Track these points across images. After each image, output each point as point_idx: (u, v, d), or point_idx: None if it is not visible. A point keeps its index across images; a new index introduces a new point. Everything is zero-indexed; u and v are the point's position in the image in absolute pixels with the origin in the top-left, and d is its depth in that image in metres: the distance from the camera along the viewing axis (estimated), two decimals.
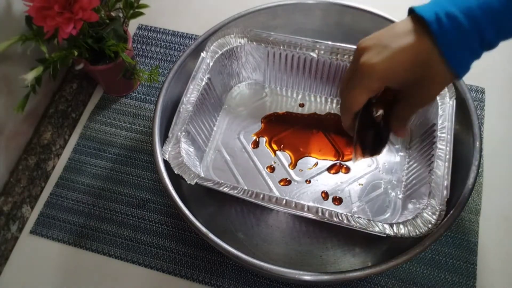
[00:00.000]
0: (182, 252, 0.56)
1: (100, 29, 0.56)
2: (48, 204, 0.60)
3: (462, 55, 0.36)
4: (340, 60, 0.57)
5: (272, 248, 0.55)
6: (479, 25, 0.35)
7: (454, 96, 0.53)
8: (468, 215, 0.57)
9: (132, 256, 0.56)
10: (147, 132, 0.65)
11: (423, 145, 0.55)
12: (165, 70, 0.70)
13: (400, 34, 0.37)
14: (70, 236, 0.58)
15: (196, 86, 0.55)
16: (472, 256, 0.55)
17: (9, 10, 0.52)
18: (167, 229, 0.58)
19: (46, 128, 0.61)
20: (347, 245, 0.54)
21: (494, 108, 0.65)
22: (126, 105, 0.68)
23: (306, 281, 0.45)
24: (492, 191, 0.59)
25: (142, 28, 0.74)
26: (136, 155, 0.63)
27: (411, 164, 0.57)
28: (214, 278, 0.54)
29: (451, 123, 0.51)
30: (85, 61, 0.59)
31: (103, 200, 0.60)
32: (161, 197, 0.60)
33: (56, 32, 0.49)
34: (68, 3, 0.49)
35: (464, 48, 0.36)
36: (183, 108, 0.54)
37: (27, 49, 0.52)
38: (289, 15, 0.63)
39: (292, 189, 0.57)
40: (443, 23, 0.35)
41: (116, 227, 0.58)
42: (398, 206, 0.55)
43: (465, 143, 0.52)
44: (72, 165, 0.63)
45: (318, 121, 0.62)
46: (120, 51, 0.57)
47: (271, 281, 0.54)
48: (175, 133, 0.52)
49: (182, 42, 0.73)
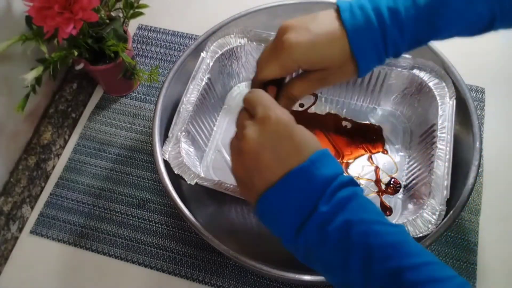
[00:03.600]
0: (182, 252, 0.56)
1: (100, 29, 0.56)
2: (48, 204, 0.60)
3: (366, 46, 0.39)
4: None
5: (272, 248, 0.55)
6: (384, 21, 0.38)
7: (454, 96, 0.52)
8: (468, 215, 0.57)
9: (132, 256, 0.56)
10: (147, 132, 0.65)
11: (423, 145, 0.55)
12: (165, 70, 0.70)
13: (321, 20, 0.40)
14: (70, 236, 0.58)
15: (196, 86, 0.55)
16: (472, 256, 0.55)
17: (9, 10, 0.52)
18: (167, 229, 0.58)
19: (46, 128, 0.61)
20: None
21: (494, 108, 0.65)
22: (126, 105, 0.68)
23: (306, 281, 0.45)
24: (492, 191, 0.59)
25: (142, 28, 0.74)
26: (136, 155, 0.63)
27: (411, 164, 0.57)
28: (214, 278, 0.54)
29: (451, 123, 0.51)
30: (85, 61, 0.59)
31: (103, 200, 0.60)
32: (161, 197, 0.60)
33: (56, 32, 0.49)
34: (68, 3, 0.49)
35: (368, 39, 0.39)
36: (183, 108, 0.53)
37: (27, 49, 0.52)
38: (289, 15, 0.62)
39: None
40: (354, 13, 0.39)
41: (116, 227, 0.58)
42: (398, 206, 0.55)
43: (465, 143, 0.52)
44: (72, 165, 0.63)
45: (318, 121, 0.62)
46: (120, 51, 0.57)
47: (271, 281, 0.54)
48: (175, 133, 0.52)
49: (182, 42, 0.73)
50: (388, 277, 0.30)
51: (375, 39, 0.39)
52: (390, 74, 0.57)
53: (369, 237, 0.31)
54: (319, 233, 0.32)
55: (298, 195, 0.34)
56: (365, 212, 0.33)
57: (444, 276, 0.30)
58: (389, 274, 0.30)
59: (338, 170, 0.35)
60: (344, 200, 0.33)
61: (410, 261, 0.30)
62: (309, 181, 0.33)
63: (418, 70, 0.55)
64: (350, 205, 0.32)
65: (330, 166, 0.34)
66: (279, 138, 0.35)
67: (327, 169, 0.34)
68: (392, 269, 0.30)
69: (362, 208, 0.33)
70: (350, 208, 0.32)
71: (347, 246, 0.31)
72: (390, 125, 0.61)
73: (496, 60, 0.69)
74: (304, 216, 0.33)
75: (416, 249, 0.31)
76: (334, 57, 0.40)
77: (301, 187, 0.34)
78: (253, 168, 0.36)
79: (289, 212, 0.34)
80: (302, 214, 0.33)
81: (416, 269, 0.29)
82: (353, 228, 0.31)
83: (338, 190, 0.33)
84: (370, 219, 0.32)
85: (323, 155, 0.35)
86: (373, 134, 0.61)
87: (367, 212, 0.33)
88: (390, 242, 0.31)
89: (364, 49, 0.39)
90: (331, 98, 0.64)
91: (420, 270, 0.30)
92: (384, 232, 0.32)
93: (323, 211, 0.32)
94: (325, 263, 0.33)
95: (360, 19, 0.39)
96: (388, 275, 0.30)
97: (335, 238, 0.32)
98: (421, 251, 0.31)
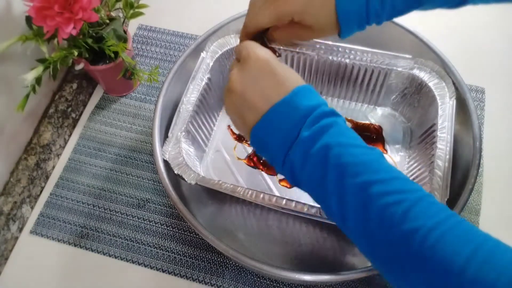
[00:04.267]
0: (182, 252, 0.56)
1: (100, 29, 0.56)
2: (48, 204, 0.60)
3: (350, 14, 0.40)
4: (340, 60, 0.57)
5: (272, 248, 0.55)
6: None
7: (454, 96, 0.53)
8: (468, 215, 0.57)
9: (132, 256, 0.56)
10: (147, 132, 0.65)
11: (423, 145, 0.55)
12: (165, 70, 0.70)
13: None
14: (70, 236, 0.58)
15: (196, 86, 0.55)
16: None
17: (9, 10, 0.52)
18: (167, 229, 0.58)
19: (46, 128, 0.61)
20: (347, 245, 0.54)
21: (494, 108, 0.65)
22: (126, 105, 0.68)
23: (306, 281, 0.45)
24: (492, 191, 0.59)
25: (142, 28, 0.74)
26: (136, 155, 0.63)
27: (411, 164, 0.57)
28: (214, 278, 0.54)
29: (451, 123, 0.51)
30: (85, 61, 0.59)
31: (103, 200, 0.60)
32: (161, 197, 0.60)
33: (56, 32, 0.49)
34: (68, 3, 0.49)
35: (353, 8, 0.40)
36: (183, 108, 0.54)
37: (27, 49, 0.52)
38: None
39: (292, 189, 0.57)
40: None
41: (116, 227, 0.58)
42: None
43: (465, 143, 0.52)
44: (72, 165, 0.63)
45: None
46: (120, 51, 0.57)
47: (271, 281, 0.54)
48: (175, 133, 0.52)
49: (182, 42, 0.73)
50: (358, 191, 0.32)
51: (359, 9, 0.40)
52: (390, 74, 0.57)
53: (344, 156, 0.34)
54: (302, 157, 0.35)
55: (282, 125, 0.36)
56: (343, 137, 0.35)
57: (411, 188, 0.32)
58: (360, 188, 0.32)
59: (320, 102, 0.37)
60: (325, 127, 0.35)
61: (378, 176, 0.33)
62: (292, 111, 0.36)
63: (418, 70, 0.55)
64: (330, 131, 0.35)
65: (313, 98, 0.37)
66: (261, 75, 0.38)
67: (309, 100, 0.36)
68: (361, 183, 0.32)
69: (341, 133, 0.35)
70: (330, 133, 0.35)
71: (324, 166, 0.34)
72: (390, 125, 0.61)
73: (496, 60, 0.69)
74: (289, 143, 0.36)
75: (386, 166, 0.34)
76: (321, 19, 0.41)
77: (285, 118, 0.36)
78: (241, 105, 0.39)
79: (277, 142, 0.37)
80: (287, 142, 0.36)
81: (383, 182, 0.32)
82: (330, 150, 0.34)
83: (321, 118, 0.35)
84: (347, 142, 0.35)
85: (305, 88, 0.37)
86: (373, 134, 0.61)
87: (345, 136, 0.35)
88: (362, 160, 0.33)
89: (348, 17, 0.41)
90: (331, 98, 0.64)
91: (388, 183, 0.32)
92: (359, 153, 0.34)
93: (305, 136, 0.35)
94: (307, 184, 0.36)
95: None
96: (359, 189, 0.32)
97: (315, 160, 0.34)
98: (391, 168, 0.34)
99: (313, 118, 0.35)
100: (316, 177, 0.35)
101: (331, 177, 0.34)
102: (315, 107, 0.36)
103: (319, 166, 0.34)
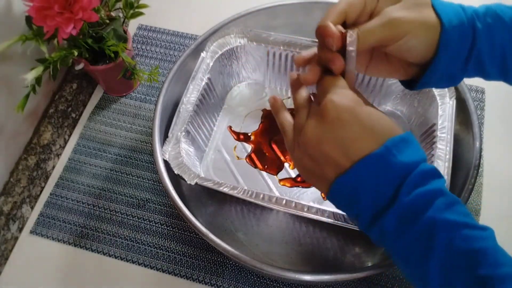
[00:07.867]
0: (182, 252, 0.56)
1: (100, 29, 0.56)
2: (48, 204, 0.60)
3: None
4: None
5: (272, 248, 0.55)
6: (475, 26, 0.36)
7: (454, 96, 0.52)
8: None
9: (132, 256, 0.56)
10: (147, 132, 0.65)
11: (423, 145, 0.55)
12: (165, 70, 0.70)
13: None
14: (70, 236, 0.58)
15: (196, 86, 0.55)
16: None
17: (9, 10, 0.52)
18: (167, 229, 0.58)
19: (46, 128, 0.61)
20: (347, 245, 0.54)
21: (494, 108, 0.65)
22: (126, 105, 0.68)
23: (306, 281, 0.45)
24: (492, 191, 0.59)
25: (142, 28, 0.74)
26: (136, 155, 0.63)
27: None
28: (214, 278, 0.54)
29: (451, 123, 0.51)
30: (85, 61, 0.59)
31: (103, 200, 0.60)
32: (161, 197, 0.60)
33: (56, 32, 0.49)
34: (68, 3, 0.49)
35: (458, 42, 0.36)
36: (183, 108, 0.54)
37: (27, 49, 0.52)
38: (289, 15, 0.63)
39: (292, 189, 0.57)
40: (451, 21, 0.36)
41: (116, 227, 0.58)
42: None
43: (465, 143, 0.52)
44: (72, 165, 0.63)
45: None
46: (120, 51, 0.57)
47: (271, 281, 0.54)
48: (175, 133, 0.52)
49: (182, 42, 0.73)
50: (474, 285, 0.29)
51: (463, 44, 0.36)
52: None
53: (454, 240, 0.30)
54: (399, 226, 0.31)
55: (374, 183, 0.32)
56: (452, 213, 0.31)
57: None
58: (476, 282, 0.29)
59: (420, 157, 0.32)
60: (429, 196, 0.31)
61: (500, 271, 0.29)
62: (386, 168, 0.32)
63: None
64: (436, 203, 0.30)
65: (411, 153, 0.32)
66: (342, 126, 0.33)
67: (407, 156, 0.32)
68: (480, 277, 0.29)
69: (448, 206, 0.31)
70: (436, 207, 0.30)
71: (429, 246, 0.30)
72: None
73: None
74: (382, 203, 0.32)
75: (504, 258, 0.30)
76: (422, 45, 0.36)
77: (377, 176, 0.32)
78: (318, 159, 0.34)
79: (366, 200, 0.32)
80: (379, 202, 0.32)
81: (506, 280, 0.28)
82: (437, 229, 0.30)
83: (423, 182, 0.31)
84: (457, 221, 0.30)
85: (401, 139, 0.32)
86: None
87: (454, 212, 0.31)
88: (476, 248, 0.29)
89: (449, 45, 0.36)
90: None
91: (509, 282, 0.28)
92: (471, 237, 0.30)
93: (404, 203, 0.31)
94: (400, 254, 0.32)
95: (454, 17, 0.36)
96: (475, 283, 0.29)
97: (417, 236, 0.31)
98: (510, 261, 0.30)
99: (414, 180, 0.31)
100: (416, 254, 0.31)
101: (436, 261, 0.30)
102: (414, 165, 0.31)
103: (422, 244, 0.30)
